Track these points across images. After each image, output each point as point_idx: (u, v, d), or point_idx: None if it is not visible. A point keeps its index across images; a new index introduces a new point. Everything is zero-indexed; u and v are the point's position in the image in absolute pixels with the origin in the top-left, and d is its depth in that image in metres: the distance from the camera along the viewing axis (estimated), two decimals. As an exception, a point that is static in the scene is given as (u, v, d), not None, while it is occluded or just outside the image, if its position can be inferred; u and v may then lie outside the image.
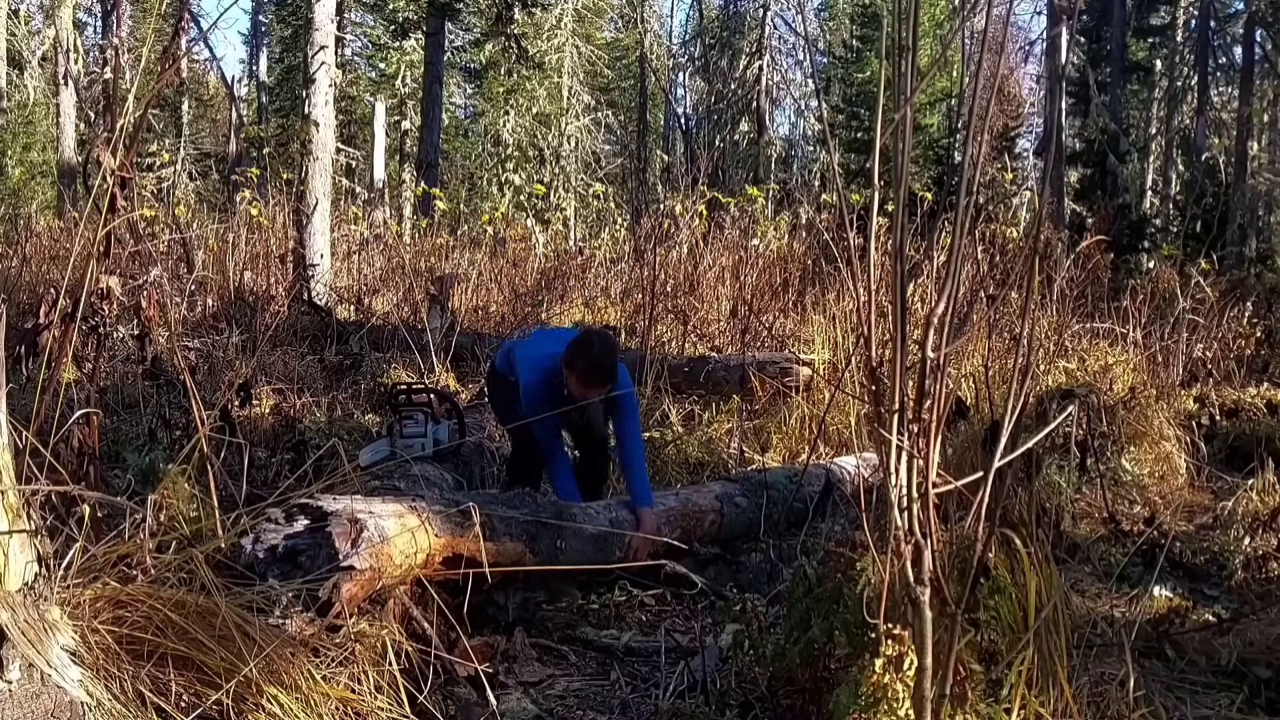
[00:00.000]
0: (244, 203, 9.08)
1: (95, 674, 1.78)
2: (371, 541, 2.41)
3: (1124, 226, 12.56)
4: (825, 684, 2.20)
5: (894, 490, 1.64)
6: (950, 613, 1.65)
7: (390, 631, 2.28)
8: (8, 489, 1.74)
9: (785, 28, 21.86)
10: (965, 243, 1.61)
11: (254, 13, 27.99)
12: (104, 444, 3.14)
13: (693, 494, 3.80)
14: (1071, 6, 12.18)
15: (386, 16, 17.43)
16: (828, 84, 20.71)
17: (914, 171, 12.44)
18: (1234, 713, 2.43)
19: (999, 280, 7.21)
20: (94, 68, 14.85)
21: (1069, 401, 4.39)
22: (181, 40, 3.06)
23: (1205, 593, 3.48)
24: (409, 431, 3.32)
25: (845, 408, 5.18)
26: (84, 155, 11.93)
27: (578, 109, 19.40)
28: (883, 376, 1.66)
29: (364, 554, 2.38)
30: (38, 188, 15.41)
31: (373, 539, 2.42)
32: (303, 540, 2.36)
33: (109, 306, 2.77)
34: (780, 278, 8.30)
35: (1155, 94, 17.96)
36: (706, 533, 3.68)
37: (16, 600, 1.69)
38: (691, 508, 3.65)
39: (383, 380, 5.87)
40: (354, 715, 2.06)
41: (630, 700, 2.60)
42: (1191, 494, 4.80)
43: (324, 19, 7.91)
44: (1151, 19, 16.36)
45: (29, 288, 7.28)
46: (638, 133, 22.78)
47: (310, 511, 2.45)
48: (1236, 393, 6.05)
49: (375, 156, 15.75)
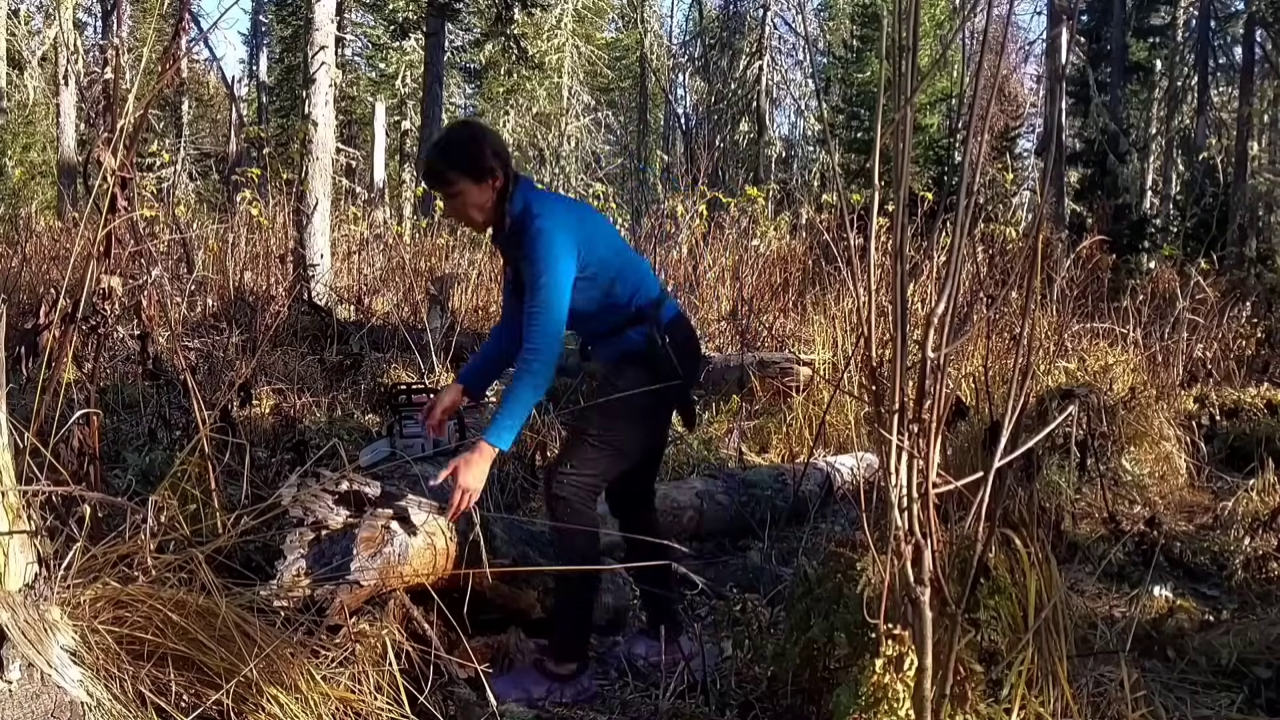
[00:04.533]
0: (244, 203, 9.07)
1: (95, 674, 1.78)
2: (390, 559, 2.42)
3: (1124, 226, 12.56)
4: (825, 684, 2.20)
5: (894, 490, 1.64)
6: (950, 613, 1.65)
7: (390, 632, 2.28)
8: (8, 489, 1.74)
9: (785, 28, 21.88)
10: (965, 243, 1.61)
11: (254, 13, 27.99)
12: (104, 444, 3.14)
13: (671, 489, 3.79)
14: (1071, 6, 12.18)
15: (386, 16, 17.41)
16: (828, 84, 20.71)
17: (914, 171, 12.44)
18: (1234, 713, 2.43)
19: (999, 280, 7.22)
20: (94, 68, 14.83)
21: (1069, 401, 4.39)
22: (181, 40, 3.06)
23: (1205, 593, 3.48)
24: (409, 431, 3.32)
25: (845, 408, 5.18)
26: (84, 155, 11.93)
27: (578, 109, 19.40)
28: (883, 376, 1.66)
29: (376, 570, 2.39)
30: (38, 188, 15.40)
31: (391, 557, 2.43)
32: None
33: (109, 306, 2.77)
34: (780, 278, 8.30)
35: (1155, 94, 17.95)
36: (685, 529, 3.68)
37: (17, 600, 1.69)
38: (669, 504, 3.63)
39: (383, 380, 5.87)
40: (354, 715, 2.06)
41: (630, 700, 2.60)
42: (1191, 494, 4.80)
43: (324, 19, 7.91)
44: (1151, 19, 16.35)
45: (29, 288, 7.28)
46: (638, 133, 22.77)
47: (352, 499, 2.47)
48: (1236, 393, 6.05)
49: (375, 156, 15.75)
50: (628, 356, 2.62)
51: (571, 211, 2.62)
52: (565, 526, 2.54)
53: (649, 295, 2.64)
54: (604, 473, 2.61)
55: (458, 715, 2.32)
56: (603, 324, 2.64)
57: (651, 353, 2.58)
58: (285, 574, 2.34)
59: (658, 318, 2.62)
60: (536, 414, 4.84)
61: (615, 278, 2.59)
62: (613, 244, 2.66)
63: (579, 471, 2.55)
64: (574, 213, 2.62)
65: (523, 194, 2.55)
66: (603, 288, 2.57)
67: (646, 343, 2.59)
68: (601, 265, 2.56)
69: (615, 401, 2.56)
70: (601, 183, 16.40)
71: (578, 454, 2.57)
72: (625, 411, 2.56)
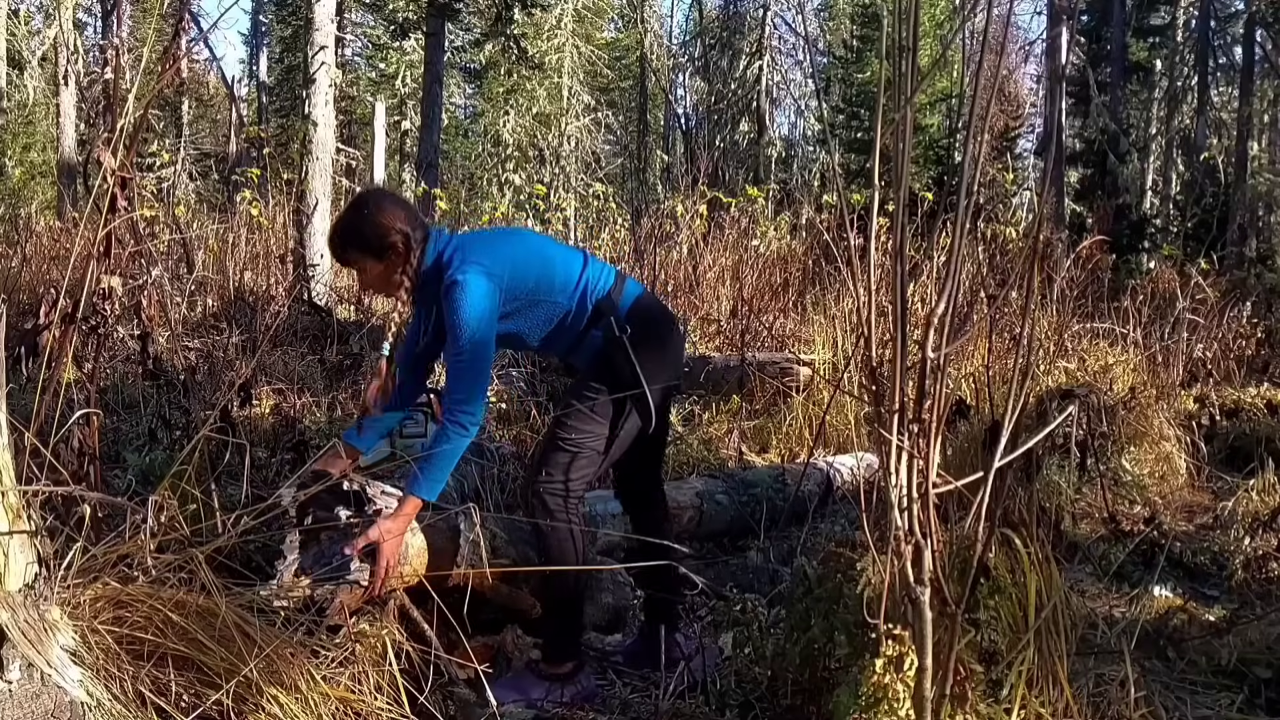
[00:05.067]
0: (244, 203, 9.07)
1: (95, 674, 1.78)
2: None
3: (1124, 226, 12.56)
4: (825, 684, 2.20)
5: (894, 490, 1.64)
6: (950, 613, 1.65)
7: (390, 632, 2.28)
8: (8, 489, 1.74)
9: (785, 28, 21.88)
10: (965, 243, 1.61)
11: (254, 13, 27.98)
12: (104, 444, 3.14)
13: (671, 489, 3.79)
14: (1071, 6, 12.19)
15: (386, 16, 17.40)
16: (828, 84, 20.71)
17: (914, 171, 12.45)
18: (1234, 713, 2.43)
19: (999, 280, 7.22)
20: (94, 68, 14.83)
21: (1069, 401, 4.39)
22: (181, 40, 3.07)
23: (1205, 593, 3.48)
24: (409, 431, 3.31)
25: (845, 408, 5.18)
26: (84, 155, 11.93)
27: (578, 109, 19.39)
28: (883, 376, 1.66)
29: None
30: (38, 188, 15.38)
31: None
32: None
33: (109, 306, 2.77)
34: (780, 278, 8.30)
35: (1155, 94, 17.94)
36: (685, 529, 3.68)
37: (16, 600, 1.69)
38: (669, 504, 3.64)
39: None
40: (354, 715, 2.06)
41: (630, 700, 2.60)
42: (1191, 494, 4.80)
43: (324, 19, 7.91)
44: (1151, 19, 16.34)
45: (29, 288, 7.27)
46: (638, 133, 22.77)
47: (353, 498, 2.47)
48: (1236, 393, 6.04)
49: (375, 156, 15.73)
50: (599, 357, 2.59)
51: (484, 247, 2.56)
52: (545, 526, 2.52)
53: (602, 289, 2.59)
54: (581, 476, 2.56)
55: (457, 715, 2.32)
56: (566, 335, 2.61)
57: (610, 350, 2.54)
58: (285, 574, 2.34)
59: (615, 307, 2.56)
60: (537, 413, 4.85)
61: (554, 288, 2.55)
62: (541, 258, 2.60)
63: (552, 479, 2.53)
64: (487, 247, 2.56)
65: (434, 248, 2.51)
66: (545, 305, 2.55)
67: (604, 338, 2.55)
68: (535, 286, 2.53)
69: (584, 403, 2.54)
70: (601, 183, 16.40)
71: (551, 459, 2.55)
72: (593, 411, 2.53)
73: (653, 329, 2.62)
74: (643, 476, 2.85)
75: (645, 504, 2.88)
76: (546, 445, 2.60)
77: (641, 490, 2.88)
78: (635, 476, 2.84)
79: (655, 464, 2.90)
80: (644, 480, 2.87)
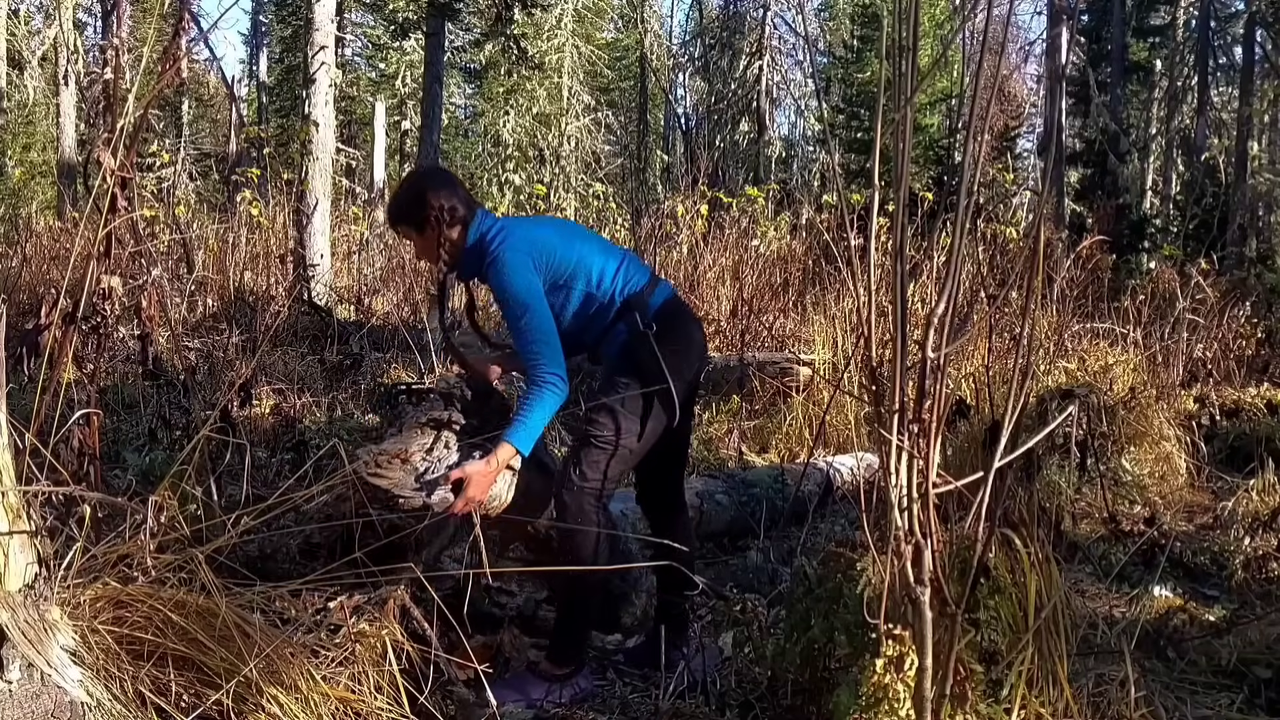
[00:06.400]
0: (244, 203, 9.07)
1: (95, 674, 1.78)
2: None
3: (1124, 226, 12.55)
4: (825, 684, 2.20)
5: (894, 490, 1.64)
6: (950, 613, 1.65)
7: (390, 632, 2.28)
8: (8, 489, 1.74)
9: (785, 28, 21.86)
10: (965, 243, 1.61)
11: (254, 13, 27.95)
12: (104, 444, 3.14)
13: None
14: (1071, 6, 12.19)
15: (386, 16, 17.39)
16: (828, 84, 20.70)
17: (914, 171, 12.44)
18: (1234, 713, 2.43)
19: (999, 280, 7.22)
20: (94, 68, 14.82)
21: (1069, 401, 4.39)
22: (181, 40, 3.06)
23: (1205, 593, 3.48)
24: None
25: (845, 408, 5.18)
26: (84, 155, 11.93)
27: (578, 109, 19.39)
28: (883, 376, 1.66)
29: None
30: (38, 188, 15.38)
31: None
32: None
33: (109, 306, 2.77)
34: (780, 278, 8.29)
35: (1155, 94, 17.93)
36: None
37: (17, 600, 1.69)
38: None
39: (383, 380, 5.87)
40: (354, 715, 2.06)
41: (630, 700, 2.60)
42: (1191, 494, 4.80)
43: (324, 19, 7.91)
44: (1151, 19, 16.34)
45: (29, 288, 7.28)
46: (638, 133, 22.76)
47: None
48: (1236, 393, 6.04)
49: (375, 156, 15.76)
50: (624, 351, 2.62)
51: (526, 229, 2.65)
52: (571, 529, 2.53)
53: (635, 286, 2.64)
54: (614, 475, 2.58)
55: (457, 715, 2.32)
56: (595, 325, 2.64)
57: (635, 344, 2.58)
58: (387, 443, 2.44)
59: (645, 305, 2.61)
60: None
61: (589, 276, 2.60)
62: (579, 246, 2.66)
63: (586, 479, 2.54)
64: (528, 230, 2.66)
65: (479, 228, 2.61)
66: (578, 292, 2.60)
67: (629, 331, 2.59)
68: (571, 272, 2.59)
69: (615, 399, 2.56)
70: (601, 183, 16.39)
71: (586, 457, 2.56)
72: (624, 406, 2.56)
73: (678, 327, 2.66)
74: (666, 480, 2.86)
75: (664, 506, 2.88)
76: (580, 443, 2.62)
77: (663, 495, 2.88)
78: (658, 480, 2.85)
79: (679, 467, 2.91)
80: (667, 484, 2.87)
